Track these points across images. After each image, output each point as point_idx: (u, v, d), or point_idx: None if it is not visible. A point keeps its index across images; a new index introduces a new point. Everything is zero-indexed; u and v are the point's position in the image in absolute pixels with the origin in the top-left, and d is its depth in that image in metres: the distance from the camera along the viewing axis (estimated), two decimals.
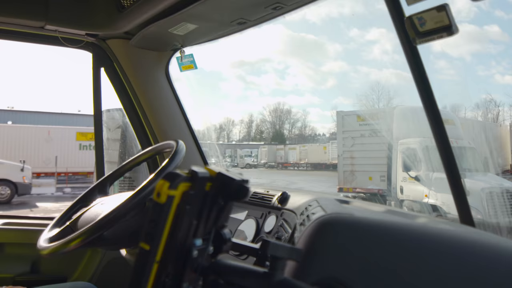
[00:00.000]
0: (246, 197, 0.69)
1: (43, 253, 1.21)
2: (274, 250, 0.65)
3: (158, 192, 0.63)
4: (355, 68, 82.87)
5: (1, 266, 1.58)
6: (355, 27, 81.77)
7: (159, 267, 0.63)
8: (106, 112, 2.64)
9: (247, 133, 69.19)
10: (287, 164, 39.21)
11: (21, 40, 2.19)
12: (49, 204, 15.21)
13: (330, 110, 79.40)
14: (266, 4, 1.67)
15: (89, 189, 1.58)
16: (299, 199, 1.55)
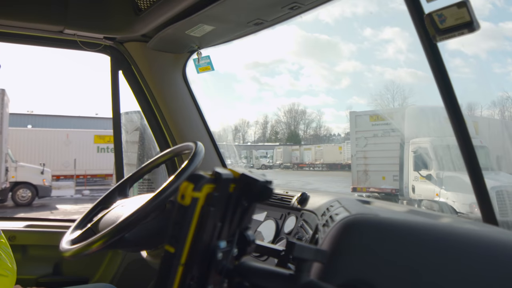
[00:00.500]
0: (270, 198, 0.68)
1: (65, 255, 1.22)
2: (300, 252, 0.64)
3: (182, 194, 0.62)
4: (369, 68, 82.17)
5: (25, 268, 1.61)
6: (368, 26, 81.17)
7: (184, 270, 0.62)
8: (125, 114, 2.66)
9: (262, 134, 69.22)
10: (303, 165, 39.07)
11: (40, 44, 2.22)
12: (68, 206, 15.45)
13: (345, 110, 78.99)
14: (283, 4, 1.66)
15: (109, 191, 1.59)
16: (319, 199, 1.54)
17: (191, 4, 1.66)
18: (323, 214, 1.23)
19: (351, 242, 0.78)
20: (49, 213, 13.99)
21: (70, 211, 14.34)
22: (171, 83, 2.26)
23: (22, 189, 15.48)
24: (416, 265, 0.78)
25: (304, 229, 1.44)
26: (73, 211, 14.28)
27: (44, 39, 2.17)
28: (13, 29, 2.05)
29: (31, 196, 15.57)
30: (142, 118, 2.50)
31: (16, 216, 3.51)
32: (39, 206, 15.53)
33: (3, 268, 1.33)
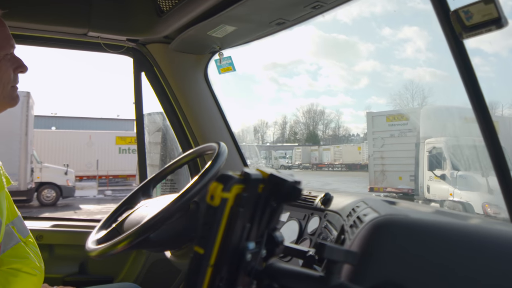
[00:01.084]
0: (299, 198, 0.67)
1: (91, 254, 1.23)
2: (330, 253, 0.63)
3: (212, 194, 0.62)
4: (388, 67, 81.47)
5: (51, 267, 1.64)
6: (387, 25, 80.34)
7: (213, 271, 0.62)
8: (148, 115, 2.69)
9: (281, 134, 69.20)
10: (322, 165, 38.90)
11: (65, 47, 2.26)
12: (91, 206, 15.72)
13: (364, 110, 78.28)
14: (305, 3, 1.65)
15: (133, 191, 1.61)
16: (343, 200, 1.52)
17: (213, 5, 1.66)
18: (349, 214, 1.21)
19: (382, 244, 0.77)
20: (73, 213, 14.27)
21: (93, 211, 14.59)
22: (193, 84, 2.27)
23: (46, 189, 15.83)
24: (448, 267, 0.77)
25: (328, 230, 1.43)
26: (96, 211, 14.52)
27: (68, 42, 2.21)
28: (39, 33, 2.08)
29: (55, 196, 15.91)
30: (165, 119, 2.52)
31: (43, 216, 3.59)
32: (63, 206, 15.85)
33: (31, 267, 1.35)
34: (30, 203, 15.25)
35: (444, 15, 1.29)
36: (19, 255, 1.35)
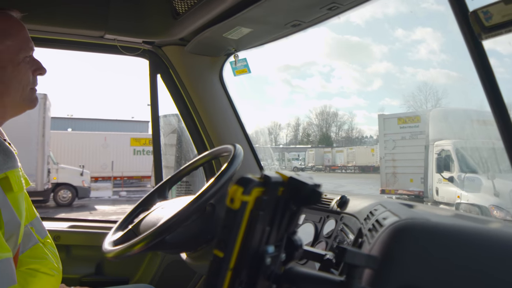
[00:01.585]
0: (319, 202, 0.66)
1: (108, 256, 1.24)
2: (352, 257, 0.62)
3: (232, 197, 0.62)
4: (401, 69, 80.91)
5: (68, 267, 1.65)
6: (400, 27, 79.79)
7: (233, 275, 0.61)
8: (163, 117, 2.70)
9: (293, 136, 69.15)
10: (335, 167, 38.76)
11: (81, 49, 2.27)
12: (106, 207, 15.89)
13: (377, 112, 77.85)
14: (321, 4, 1.64)
15: (149, 193, 1.61)
16: (359, 202, 1.50)
17: (229, 7, 1.66)
18: (367, 218, 1.20)
19: (403, 248, 0.75)
20: (88, 214, 14.44)
21: (108, 211, 14.74)
22: (208, 86, 2.28)
23: (63, 190, 16.05)
24: (471, 271, 0.75)
25: (345, 233, 1.41)
26: (110, 211, 14.68)
27: (85, 44, 2.23)
28: (56, 35, 2.11)
29: (71, 196, 16.12)
30: (180, 121, 2.53)
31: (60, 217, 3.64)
32: (79, 206, 16.05)
33: (50, 267, 1.36)
34: (46, 203, 15.48)
35: (462, 15, 1.27)
36: (37, 255, 1.36)
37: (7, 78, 1.20)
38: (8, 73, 1.20)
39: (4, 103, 1.21)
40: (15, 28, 1.23)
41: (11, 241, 1.13)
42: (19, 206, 1.18)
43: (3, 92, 1.20)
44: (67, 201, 16.04)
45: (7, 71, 1.20)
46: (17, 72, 1.22)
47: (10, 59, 1.21)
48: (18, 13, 1.27)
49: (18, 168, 1.21)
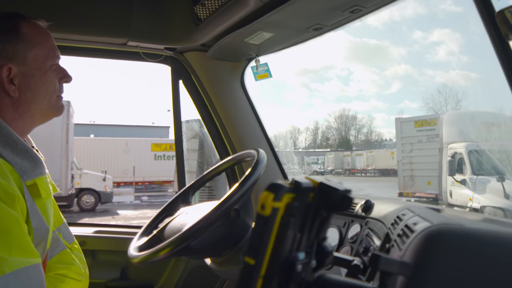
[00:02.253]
0: (350, 207, 0.65)
1: (133, 261, 1.24)
2: (385, 264, 0.60)
3: (263, 204, 0.61)
4: (420, 71, 79.87)
5: (94, 272, 1.67)
6: (418, 29, 78.81)
7: (264, 282, 0.60)
8: (185, 123, 2.72)
9: (312, 140, 68.89)
10: (354, 171, 38.46)
11: (104, 57, 2.31)
12: (128, 212, 16.09)
13: (396, 114, 76.95)
14: (343, 7, 1.62)
15: (173, 198, 1.62)
16: (384, 207, 1.47)
17: (251, 12, 1.66)
18: (394, 223, 1.17)
19: (438, 255, 0.73)
20: (111, 218, 14.64)
21: (130, 216, 14.92)
22: (230, 91, 2.28)
23: (86, 195, 16.34)
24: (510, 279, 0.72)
25: (370, 238, 1.39)
26: (133, 216, 14.85)
27: (108, 52, 2.26)
28: (80, 43, 2.14)
29: (94, 201, 16.38)
30: (202, 126, 2.54)
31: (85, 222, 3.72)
32: (102, 211, 16.29)
33: (77, 273, 1.38)
34: (70, 208, 15.77)
35: (488, 16, 1.24)
36: (65, 261, 1.38)
37: (34, 86, 1.22)
38: (35, 81, 1.22)
39: (31, 111, 1.23)
40: (41, 36, 1.25)
41: (40, 246, 1.14)
42: (47, 212, 1.20)
43: (30, 100, 1.22)
44: (91, 206, 16.31)
45: (35, 79, 1.22)
46: (44, 80, 1.24)
47: (37, 67, 1.22)
48: (45, 22, 1.29)
49: (46, 174, 1.23)
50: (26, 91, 1.20)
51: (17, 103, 1.19)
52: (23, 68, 1.19)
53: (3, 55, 1.16)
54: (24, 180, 1.10)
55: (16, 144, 1.13)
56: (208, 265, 1.44)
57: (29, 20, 1.25)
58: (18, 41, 1.19)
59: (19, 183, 1.08)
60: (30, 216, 1.09)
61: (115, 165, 21.43)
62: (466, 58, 67.14)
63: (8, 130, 1.13)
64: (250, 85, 2.34)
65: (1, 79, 1.16)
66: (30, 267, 0.98)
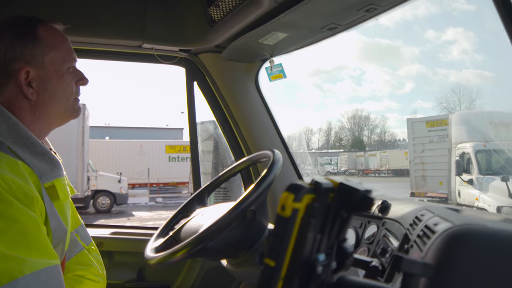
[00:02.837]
0: (370, 208, 0.64)
1: (150, 262, 1.25)
2: (408, 266, 0.59)
3: (283, 205, 0.60)
4: (434, 70, 79.04)
5: (111, 273, 1.69)
6: (430, 28, 78.00)
7: (284, 284, 0.60)
8: (200, 124, 2.72)
9: (325, 140, 68.62)
10: (368, 171, 38.18)
11: (119, 59, 2.33)
12: (143, 213, 16.21)
13: (410, 114, 76.21)
14: (358, 6, 1.60)
15: (188, 200, 1.62)
16: (402, 207, 1.46)
17: (265, 12, 1.65)
18: (412, 223, 1.16)
19: (462, 256, 0.72)
20: (126, 219, 14.78)
21: (145, 217, 15.03)
22: (244, 92, 2.28)
23: (102, 197, 16.52)
24: None
25: (387, 239, 1.37)
26: (147, 217, 14.95)
27: (123, 54, 2.27)
28: (96, 46, 2.16)
29: (110, 203, 16.56)
30: (216, 127, 2.54)
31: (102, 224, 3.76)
32: (117, 212, 16.45)
33: (95, 274, 1.39)
34: (86, 209, 15.96)
35: (507, 13, 1.22)
36: (83, 262, 1.39)
37: (52, 88, 1.23)
38: (53, 84, 1.23)
39: (49, 114, 1.24)
40: (58, 39, 1.27)
41: (59, 248, 1.16)
42: (65, 214, 1.21)
43: (48, 103, 1.23)
44: (106, 208, 16.49)
45: (52, 82, 1.23)
46: (62, 82, 1.25)
47: (54, 70, 1.23)
48: (61, 26, 1.31)
49: (64, 176, 1.24)
50: (44, 94, 1.22)
51: (35, 105, 1.21)
52: (40, 71, 1.21)
53: (21, 59, 1.18)
54: (42, 182, 1.12)
55: (34, 146, 1.14)
56: (224, 266, 1.44)
57: (46, 23, 1.27)
58: (36, 45, 1.20)
59: (37, 185, 1.09)
60: (48, 218, 1.10)
61: (130, 167, 21.61)
62: (480, 56, 66.23)
63: (26, 133, 1.14)
64: (263, 86, 2.34)
65: (19, 82, 1.17)
66: (49, 268, 0.99)
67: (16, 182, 1.00)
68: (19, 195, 1.00)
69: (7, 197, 0.97)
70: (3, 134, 1.10)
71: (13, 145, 1.10)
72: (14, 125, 1.13)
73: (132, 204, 18.50)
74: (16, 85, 1.18)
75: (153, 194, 21.25)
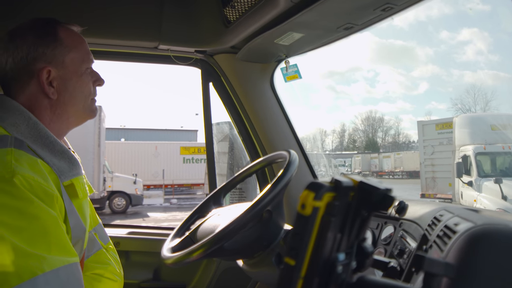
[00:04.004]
0: (390, 207, 0.63)
1: (167, 262, 1.25)
2: (430, 266, 0.58)
3: (303, 203, 0.60)
4: (448, 71, 78.02)
5: (128, 273, 1.70)
6: (444, 29, 77.02)
7: (304, 284, 0.59)
8: (215, 125, 2.72)
9: (339, 142, 68.27)
10: (382, 173, 37.80)
11: (136, 60, 2.33)
12: (158, 214, 16.33)
13: (424, 116, 75.27)
14: (375, 6, 1.58)
15: (204, 200, 1.62)
16: (419, 208, 1.44)
17: (280, 12, 1.64)
18: (431, 224, 1.14)
19: (484, 255, 0.70)
20: (142, 220, 14.90)
21: (160, 218, 15.13)
22: (260, 93, 2.27)
23: (117, 198, 16.70)
24: None
25: (405, 240, 1.36)
26: (162, 218, 15.05)
27: (139, 56, 2.28)
28: (112, 48, 2.18)
29: (125, 204, 16.73)
30: (232, 128, 2.54)
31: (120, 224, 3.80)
32: (133, 213, 16.60)
33: (112, 273, 1.40)
34: (102, 210, 16.13)
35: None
36: (101, 261, 1.40)
37: (72, 88, 1.26)
38: (73, 84, 1.26)
39: (68, 113, 1.27)
40: (77, 41, 1.29)
41: (77, 246, 1.17)
42: (84, 212, 1.22)
43: (68, 102, 1.25)
44: (122, 209, 16.66)
45: (72, 82, 1.25)
46: (81, 82, 1.28)
47: (74, 70, 1.26)
48: (78, 27, 1.33)
49: (82, 175, 1.26)
50: (65, 94, 1.24)
51: (55, 105, 1.23)
52: (61, 71, 1.23)
53: (43, 59, 1.20)
54: (61, 180, 1.13)
55: (53, 145, 1.16)
56: (240, 266, 1.44)
57: (65, 25, 1.29)
58: (56, 45, 1.23)
59: (57, 183, 1.11)
60: (68, 216, 1.11)
61: (145, 168, 21.80)
62: (496, 57, 65.17)
63: (46, 132, 1.16)
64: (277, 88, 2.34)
65: (41, 82, 1.20)
66: (69, 266, 1.00)
67: (36, 180, 1.02)
68: (39, 193, 1.01)
69: (27, 195, 0.98)
70: (23, 134, 1.12)
71: (33, 144, 1.12)
72: (34, 124, 1.15)
73: (147, 205, 18.64)
74: (38, 85, 1.20)
75: (167, 195, 21.38)
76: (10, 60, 1.18)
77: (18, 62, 1.19)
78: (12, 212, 0.96)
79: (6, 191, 0.97)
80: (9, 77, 1.20)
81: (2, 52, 1.19)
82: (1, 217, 0.93)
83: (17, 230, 0.94)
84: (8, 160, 1.01)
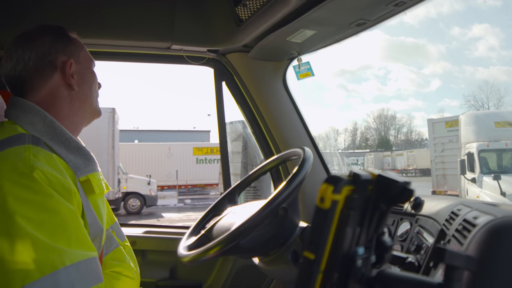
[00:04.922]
0: (409, 200, 0.62)
1: (183, 260, 1.26)
2: (451, 258, 0.57)
3: (322, 197, 0.59)
4: (460, 68, 77.00)
5: (144, 271, 1.71)
6: (455, 25, 76.00)
7: (324, 278, 0.59)
8: (229, 124, 2.73)
9: (351, 141, 67.86)
10: (395, 171, 37.35)
11: (148, 61, 2.34)
12: (172, 215, 16.43)
13: (436, 113, 74.35)
14: (387, 1, 1.56)
15: (220, 199, 1.63)
16: (435, 204, 1.43)
17: (292, 10, 1.64)
18: (449, 218, 1.13)
19: (506, 248, 0.69)
20: (156, 221, 15.01)
21: (174, 219, 15.23)
22: (273, 91, 2.27)
23: (132, 199, 16.84)
24: None
25: (421, 235, 1.35)
26: (176, 219, 15.14)
27: (152, 56, 2.29)
28: (125, 48, 2.20)
29: (140, 205, 16.86)
30: (245, 127, 2.54)
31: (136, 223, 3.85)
32: (147, 214, 16.73)
33: (131, 271, 1.42)
34: (117, 211, 16.29)
35: None
36: (119, 258, 1.42)
37: (88, 85, 1.31)
38: (88, 78, 1.31)
39: (85, 107, 1.31)
40: (81, 42, 1.35)
41: (96, 242, 1.18)
42: (99, 210, 1.24)
43: (87, 95, 1.30)
44: (136, 209, 16.79)
45: (88, 76, 1.31)
46: (93, 78, 1.34)
47: (87, 66, 1.33)
48: (75, 34, 1.36)
49: (98, 171, 1.28)
50: (84, 86, 1.29)
51: (75, 97, 1.27)
52: (79, 66, 1.29)
53: (64, 53, 1.25)
54: (77, 176, 1.15)
55: (69, 142, 1.19)
56: (255, 264, 1.44)
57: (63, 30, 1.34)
58: (72, 43, 1.29)
59: (73, 179, 1.13)
60: (85, 212, 1.13)
61: (158, 169, 21.94)
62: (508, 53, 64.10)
63: (62, 129, 1.19)
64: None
65: (66, 73, 1.24)
66: (88, 260, 1.02)
67: (54, 175, 1.04)
68: (58, 188, 1.03)
69: (47, 190, 1.00)
70: (40, 131, 1.15)
71: (49, 141, 1.15)
72: (50, 122, 1.18)
73: (161, 206, 18.77)
74: (60, 77, 1.24)
75: (181, 196, 21.51)
76: (34, 55, 1.21)
77: (41, 56, 1.22)
78: (32, 206, 0.97)
79: (26, 185, 0.98)
80: (31, 72, 1.22)
81: (23, 50, 1.22)
82: (22, 211, 0.95)
83: (38, 224, 0.95)
84: (26, 156, 1.03)
